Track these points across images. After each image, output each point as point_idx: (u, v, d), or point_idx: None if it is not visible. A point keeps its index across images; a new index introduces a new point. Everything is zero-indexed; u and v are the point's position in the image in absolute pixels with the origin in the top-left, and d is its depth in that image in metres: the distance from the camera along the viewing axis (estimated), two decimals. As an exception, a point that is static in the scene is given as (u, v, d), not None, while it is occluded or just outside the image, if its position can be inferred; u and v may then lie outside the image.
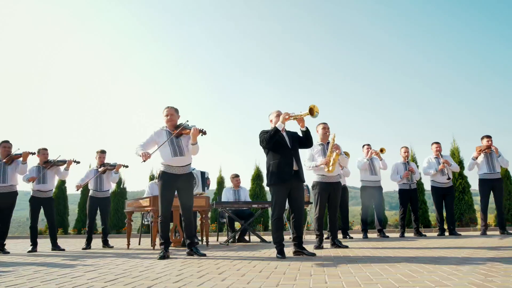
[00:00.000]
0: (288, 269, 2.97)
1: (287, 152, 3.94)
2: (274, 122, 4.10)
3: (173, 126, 4.35)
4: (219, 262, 3.55)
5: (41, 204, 5.71)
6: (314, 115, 3.76)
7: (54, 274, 2.99)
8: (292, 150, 3.98)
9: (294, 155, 3.97)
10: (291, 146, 3.99)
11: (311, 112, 3.77)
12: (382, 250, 4.38)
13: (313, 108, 3.76)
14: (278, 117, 4.07)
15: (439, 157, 6.75)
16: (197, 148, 4.25)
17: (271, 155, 3.99)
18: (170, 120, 4.33)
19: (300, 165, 4.02)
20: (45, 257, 4.55)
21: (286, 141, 4.00)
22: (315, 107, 3.76)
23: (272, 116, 4.15)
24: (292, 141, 4.04)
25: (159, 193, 4.21)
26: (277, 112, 4.11)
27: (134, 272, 3.00)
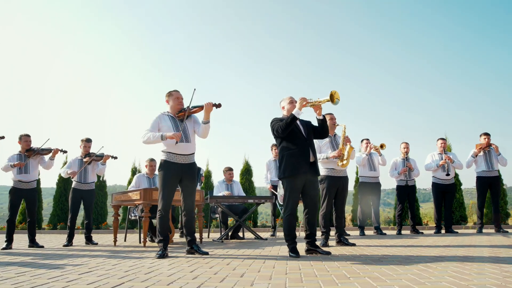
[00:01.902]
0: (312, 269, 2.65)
1: (302, 142, 3.62)
2: (287, 110, 3.76)
3: (177, 111, 3.94)
4: (229, 262, 3.19)
5: (22, 196, 5.14)
6: (334, 102, 3.44)
7: (43, 277, 2.54)
8: (308, 140, 3.66)
9: (310, 146, 3.66)
10: (306, 136, 3.67)
11: (332, 98, 3.45)
12: (394, 248, 4.15)
13: (333, 95, 3.44)
14: (291, 104, 3.74)
15: (443, 153, 6.63)
16: (209, 127, 3.86)
17: (284, 145, 3.65)
18: (179, 104, 3.93)
19: (316, 157, 3.71)
20: (24, 256, 4.03)
21: (301, 130, 3.68)
22: (336, 93, 3.45)
23: (285, 102, 3.80)
24: (307, 130, 3.72)
25: (160, 185, 3.79)
26: (290, 99, 3.78)
27: (139, 274, 2.60)
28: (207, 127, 3.86)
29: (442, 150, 6.71)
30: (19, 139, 5.22)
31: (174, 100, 3.94)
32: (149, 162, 5.98)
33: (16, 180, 5.11)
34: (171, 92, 3.99)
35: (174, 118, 3.92)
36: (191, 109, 3.87)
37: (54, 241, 6.23)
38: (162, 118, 3.88)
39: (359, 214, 6.69)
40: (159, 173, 3.83)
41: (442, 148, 6.72)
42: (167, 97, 3.99)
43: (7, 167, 5.07)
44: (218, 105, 3.82)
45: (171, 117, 3.92)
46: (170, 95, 3.97)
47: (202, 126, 3.87)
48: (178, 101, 3.94)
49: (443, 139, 6.80)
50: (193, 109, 3.87)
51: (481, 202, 6.59)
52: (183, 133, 3.83)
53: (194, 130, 3.99)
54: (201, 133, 3.92)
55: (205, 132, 3.89)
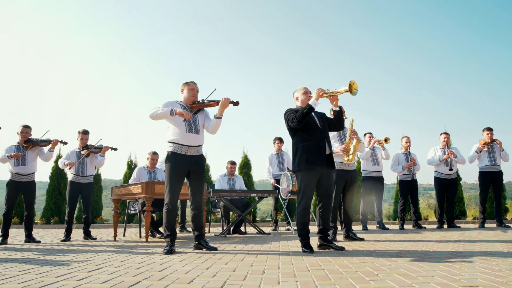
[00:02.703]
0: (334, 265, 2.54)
1: (318, 134, 3.49)
2: (301, 100, 3.62)
3: (190, 102, 3.80)
4: (243, 258, 3.06)
5: (20, 189, 4.92)
6: (353, 93, 3.31)
7: (51, 275, 2.37)
8: (323, 132, 3.54)
9: (325, 138, 3.53)
10: (321, 128, 3.54)
11: (350, 89, 3.32)
12: (406, 243, 4.07)
13: (352, 85, 3.31)
14: (306, 95, 3.61)
15: (446, 148, 6.58)
16: (220, 123, 3.73)
17: (299, 137, 3.52)
18: (193, 96, 3.80)
19: (331, 149, 3.59)
20: (22, 251, 3.84)
21: (316, 121, 3.55)
22: (355, 83, 3.32)
23: (299, 93, 3.67)
24: (322, 122, 3.60)
25: (167, 177, 3.63)
26: (304, 89, 3.64)
27: (153, 272, 2.45)
28: (219, 122, 3.74)
29: (445, 145, 6.66)
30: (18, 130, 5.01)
31: (189, 90, 3.81)
32: (151, 155, 5.80)
33: (14, 172, 4.89)
34: (188, 82, 3.87)
35: (186, 108, 3.77)
36: (206, 103, 3.74)
37: (50, 236, 6.02)
38: (174, 104, 3.73)
39: (361, 208, 6.61)
40: (166, 165, 3.67)
41: (445, 143, 6.68)
42: (183, 87, 3.86)
43: (4, 159, 4.84)
44: (236, 103, 3.70)
45: (183, 106, 3.77)
46: (187, 85, 3.84)
47: (214, 121, 3.74)
48: (193, 93, 3.81)
49: (446, 134, 6.75)
50: (208, 103, 3.74)
51: (484, 197, 6.58)
52: (193, 123, 3.68)
53: (204, 124, 3.85)
54: (211, 128, 3.79)
55: (215, 128, 3.77)
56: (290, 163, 6.93)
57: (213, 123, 3.76)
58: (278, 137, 6.94)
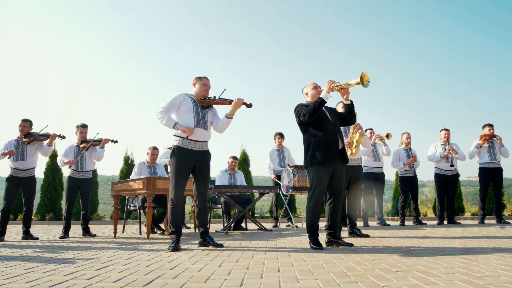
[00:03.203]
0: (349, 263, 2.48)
1: (330, 129, 3.43)
2: (311, 95, 3.55)
3: (201, 97, 3.72)
4: (253, 255, 2.99)
5: (19, 184, 4.79)
6: (364, 85, 3.24)
7: (58, 274, 2.28)
8: (335, 126, 3.48)
9: (338, 132, 3.47)
10: (333, 122, 3.48)
11: (362, 81, 3.25)
12: (413, 240, 4.04)
13: (363, 77, 3.24)
14: (315, 90, 3.54)
15: (446, 144, 6.58)
16: (229, 123, 3.69)
17: (311, 132, 3.45)
18: (205, 92, 3.72)
19: (344, 144, 3.53)
20: (21, 248, 3.72)
21: (327, 116, 3.48)
22: (366, 75, 3.24)
23: (308, 88, 3.60)
24: (334, 117, 3.53)
25: (173, 173, 3.54)
26: (314, 84, 3.57)
27: (164, 270, 2.37)
28: (229, 122, 3.70)
29: (446, 141, 6.66)
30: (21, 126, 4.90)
31: (201, 85, 3.73)
32: (152, 150, 5.69)
33: (13, 167, 4.75)
34: (201, 77, 3.79)
35: (197, 103, 3.68)
36: (218, 100, 3.66)
37: (47, 233, 5.89)
38: (185, 98, 3.64)
39: (362, 204, 6.58)
40: (171, 160, 3.58)
41: (445, 139, 6.67)
42: (195, 81, 3.77)
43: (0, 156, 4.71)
44: (249, 105, 3.65)
45: (194, 100, 3.68)
46: (199, 80, 3.76)
47: (224, 120, 3.68)
48: (205, 88, 3.74)
49: (446, 130, 6.75)
50: (220, 101, 3.67)
51: (484, 193, 6.60)
52: (202, 120, 3.60)
53: (212, 121, 3.77)
54: (219, 127, 3.73)
55: (224, 127, 3.73)
56: (291, 158, 6.88)
57: (223, 122, 3.70)
58: (279, 133, 6.87)
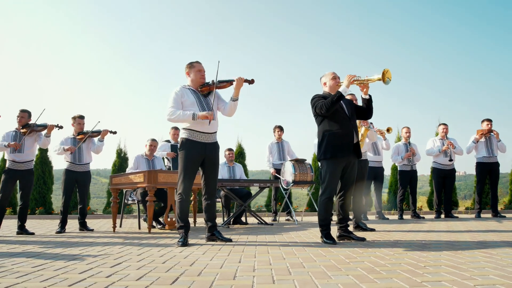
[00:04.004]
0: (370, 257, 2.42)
1: (346, 122, 3.35)
2: (329, 86, 3.46)
3: (199, 85, 3.56)
4: (268, 250, 2.91)
5: (16, 177, 4.57)
6: (385, 82, 3.17)
7: (72, 272, 2.15)
8: (351, 120, 3.40)
9: (353, 126, 3.40)
10: (349, 116, 3.40)
11: (383, 77, 3.17)
12: (420, 234, 4.03)
13: (385, 73, 3.16)
14: (334, 80, 3.45)
15: (444, 138, 6.61)
16: (237, 105, 3.52)
17: (326, 125, 3.37)
18: (202, 78, 3.55)
19: (358, 138, 3.46)
20: (21, 244, 3.54)
21: (344, 109, 3.40)
22: (389, 72, 3.17)
23: (326, 78, 3.50)
24: (351, 110, 3.45)
25: (181, 166, 3.42)
26: (332, 74, 3.48)
27: (184, 266, 2.27)
28: (236, 104, 3.53)
29: (444, 135, 6.69)
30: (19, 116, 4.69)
31: (196, 73, 3.54)
32: (151, 142, 5.52)
33: (10, 160, 4.54)
34: (193, 63, 3.59)
35: (197, 93, 3.54)
36: (218, 84, 3.49)
37: (41, 228, 5.68)
38: (184, 92, 3.49)
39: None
40: (180, 152, 3.46)
41: (444, 133, 6.70)
42: (188, 69, 3.59)
43: (1, 147, 4.49)
44: (251, 81, 3.47)
45: (193, 91, 3.54)
46: (191, 67, 3.57)
47: (230, 104, 3.52)
48: (200, 74, 3.55)
49: (445, 125, 6.78)
50: (220, 84, 3.49)
51: (480, 188, 6.67)
52: (208, 109, 3.46)
53: (218, 106, 3.63)
54: (227, 111, 3.57)
55: (232, 110, 3.56)
56: (290, 152, 6.80)
57: (230, 106, 3.55)
58: (278, 125, 6.78)
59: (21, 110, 4.76)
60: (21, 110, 4.76)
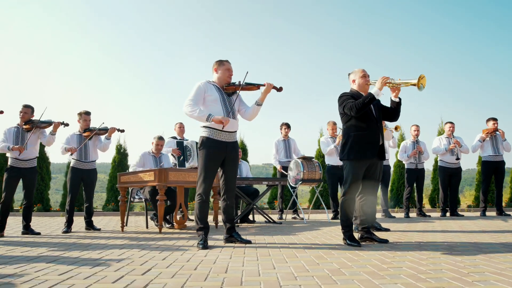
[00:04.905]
0: (405, 261, 2.36)
1: (373, 124, 3.28)
2: (358, 84, 3.38)
3: (225, 83, 3.46)
4: (294, 253, 2.83)
5: (19, 175, 4.40)
6: (419, 88, 3.09)
7: (104, 282, 2.04)
8: (378, 122, 3.33)
9: (380, 128, 3.33)
10: (377, 116, 3.33)
11: (418, 82, 3.08)
12: (438, 234, 4.00)
13: (421, 79, 3.07)
14: (364, 79, 3.36)
15: (451, 137, 6.60)
16: (259, 110, 3.46)
17: (352, 125, 3.29)
18: (229, 77, 3.46)
19: (384, 140, 3.39)
20: (33, 247, 3.39)
21: (372, 110, 3.32)
22: (425, 78, 3.09)
23: (356, 75, 3.41)
24: (378, 110, 3.38)
25: (201, 165, 3.31)
26: (362, 72, 3.39)
27: (222, 274, 2.17)
28: (259, 110, 3.47)
29: (450, 134, 6.69)
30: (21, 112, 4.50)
31: (224, 71, 3.45)
32: (156, 141, 5.39)
33: (13, 157, 4.36)
34: (223, 61, 3.49)
35: (221, 90, 3.43)
36: (244, 86, 3.40)
37: (44, 227, 5.52)
38: (208, 87, 3.38)
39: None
40: (200, 151, 3.35)
41: (450, 132, 6.70)
42: (216, 66, 3.49)
43: (3, 149, 4.30)
44: (279, 88, 3.42)
45: (218, 88, 3.43)
46: (221, 65, 3.47)
47: (254, 107, 3.45)
48: (228, 73, 3.46)
49: (451, 123, 6.77)
50: (247, 86, 3.42)
51: (486, 186, 6.69)
52: (230, 108, 3.37)
53: (239, 108, 3.54)
54: (248, 115, 3.50)
55: (254, 115, 3.50)
56: (296, 149, 6.73)
57: (253, 110, 3.47)
58: (285, 123, 6.70)
59: (24, 105, 4.57)
60: (24, 105, 4.58)
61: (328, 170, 6.26)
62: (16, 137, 4.43)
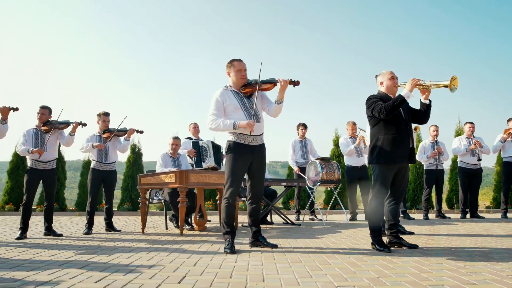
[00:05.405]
0: (453, 273, 2.29)
1: (403, 127, 3.21)
2: (386, 86, 3.31)
3: (241, 85, 3.39)
4: (325, 259, 2.77)
5: (39, 177, 4.40)
6: (451, 89, 3.01)
7: (145, 286, 2.01)
8: (408, 125, 3.26)
9: (410, 131, 3.25)
10: (406, 119, 3.25)
11: (450, 84, 3.00)
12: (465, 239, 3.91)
13: (453, 81, 2.99)
14: (392, 81, 3.29)
15: (471, 137, 6.48)
16: (282, 107, 3.36)
17: (381, 128, 3.22)
18: (242, 78, 3.36)
19: (413, 143, 3.32)
20: (59, 250, 3.38)
21: (401, 112, 3.25)
22: (456, 79, 3.01)
23: (384, 77, 3.34)
24: (407, 113, 3.30)
25: (228, 169, 3.27)
26: (391, 74, 3.32)
27: (261, 284, 2.13)
28: (281, 107, 3.37)
29: (470, 134, 6.56)
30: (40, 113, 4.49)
31: (236, 73, 3.36)
32: (173, 141, 5.34)
33: (33, 159, 4.36)
34: (233, 62, 3.40)
35: (239, 94, 3.38)
36: (261, 86, 3.32)
37: (62, 226, 5.53)
38: (225, 95, 3.33)
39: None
40: (228, 156, 3.31)
41: (470, 132, 6.58)
42: (228, 68, 3.42)
43: (24, 152, 4.30)
44: (296, 82, 3.29)
45: (235, 92, 3.37)
46: (231, 66, 3.39)
47: (275, 106, 3.36)
48: (240, 74, 3.36)
49: (471, 123, 6.65)
50: (263, 86, 3.33)
51: (507, 188, 6.57)
52: (254, 113, 3.30)
53: (263, 106, 3.47)
54: (272, 113, 3.42)
55: (277, 113, 3.42)
56: (313, 150, 6.66)
57: (275, 108, 3.39)
58: (302, 123, 6.63)
59: (41, 106, 4.55)
60: (42, 106, 4.56)
61: (348, 171, 6.19)
62: (35, 139, 4.43)
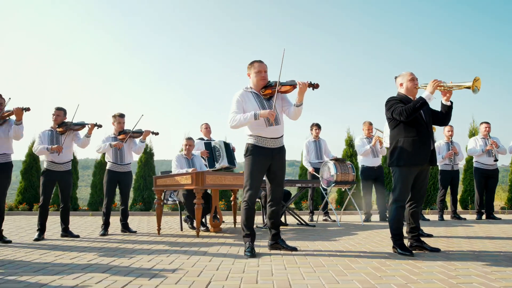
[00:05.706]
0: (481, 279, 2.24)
1: (423, 129, 3.16)
2: (406, 88, 3.26)
3: (261, 87, 3.36)
4: (349, 263, 2.74)
5: (56, 179, 4.43)
6: (474, 90, 2.96)
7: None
8: (429, 126, 3.21)
9: (430, 133, 3.21)
10: (427, 121, 3.21)
11: (473, 85, 2.94)
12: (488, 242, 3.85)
13: (475, 82, 2.93)
14: (412, 82, 3.24)
15: (487, 137, 6.39)
16: (301, 110, 3.32)
17: (401, 130, 3.18)
18: (262, 80, 3.33)
19: (434, 145, 3.27)
20: (80, 252, 3.39)
21: (422, 114, 3.20)
22: (479, 81, 2.95)
23: (404, 79, 3.29)
24: (428, 115, 3.25)
25: (247, 172, 3.25)
26: (411, 75, 3.27)
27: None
28: (300, 110, 3.33)
29: (486, 135, 6.47)
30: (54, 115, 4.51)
31: (256, 74, 3.34)
32: (187, 141, 5.33)
33: (49, 160, 4.38)
34: (253, 63, 3.38)
35: (259, 96, 3.35)
36: (280, 89, 3.29)
37: (78, 228, 5.56)
38: (245, 96, 3.30)
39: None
40: (247, 158, 3.29)
41: (486, 133, 6.49)
42: (248, 70, 3.41)
43: (42, 151, 4.33)
44: (315, 85, 3.25)
45: (255, 94, 3.35)
46: (252, 68, 3.37)
47: (295, 109, 3.32)
48: (260, 76, 3.34)
49: (487, 123, 6.56)
50: (282, 88, 3.29)
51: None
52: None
53: (283, 108, 3.44)
54: (292, 116, 3.38)
55: (297, 116, 3.37)
56: (327, 150, 6.62)
57: (295, 111, 3.35)
58: (316, 123, 6.59)
59: (56, 108, 4.56)
60: (57, 108, 4.57)
61: (363, 171, 6.15)
62: (51, 140, 4.44)
